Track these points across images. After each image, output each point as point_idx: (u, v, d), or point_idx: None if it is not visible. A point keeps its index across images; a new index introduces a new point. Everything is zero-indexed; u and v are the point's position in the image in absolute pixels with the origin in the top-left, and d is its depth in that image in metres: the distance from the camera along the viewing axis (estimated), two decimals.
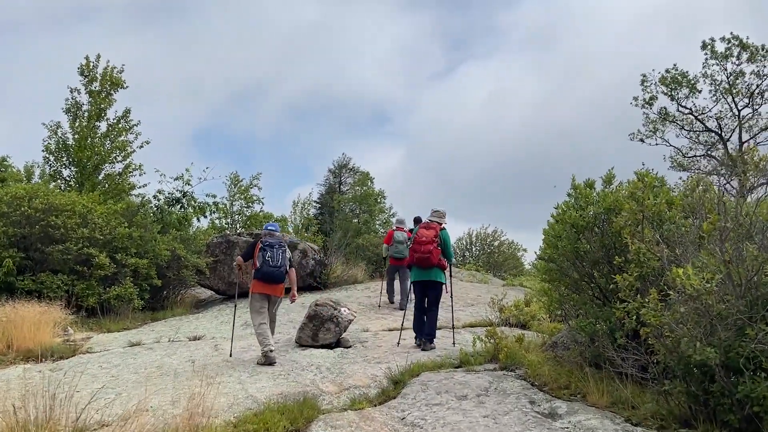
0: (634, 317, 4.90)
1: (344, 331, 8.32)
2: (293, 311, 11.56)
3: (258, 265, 7.65)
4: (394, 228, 12.31)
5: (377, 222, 30.77)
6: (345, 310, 8.37)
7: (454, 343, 8.29)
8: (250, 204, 27.77)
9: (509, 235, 45.53)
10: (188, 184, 16.56)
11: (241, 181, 27.71)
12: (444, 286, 8.31)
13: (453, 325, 9.01)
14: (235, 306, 9.42)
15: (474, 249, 40.35)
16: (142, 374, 7.06)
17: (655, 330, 4.62)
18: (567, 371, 6.23)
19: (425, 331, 8.07)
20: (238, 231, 25.20)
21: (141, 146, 15.87)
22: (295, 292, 7.86)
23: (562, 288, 6.84)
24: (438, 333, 9.05)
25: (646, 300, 4.70)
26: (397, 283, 12.57)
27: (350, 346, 8.18)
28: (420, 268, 8.15)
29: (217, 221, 27.26)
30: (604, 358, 5.76)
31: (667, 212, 5.68)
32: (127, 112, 15.90)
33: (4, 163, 21.39)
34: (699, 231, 5.21)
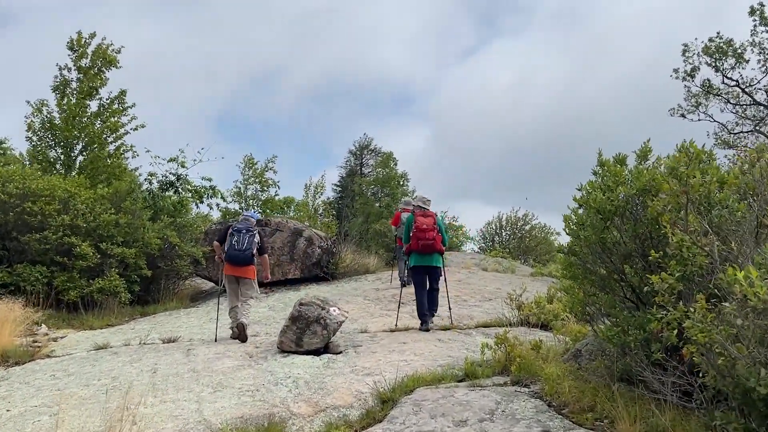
0: (675, 330, 3.88)
1: (333, 334, 7.40)
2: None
3: (225, 248, 8.61)
4: (401, 209, 12.70)
5: (400, 206, 29.84)
6: (334, 311, 7.45)
7: (451, 321, 9.07)
8: (265, 188, 27.02)
9: (540, 218, 44.09)
10: (183, 166, 15.76)
11: (256, 164, 26.97)
12: (442, 269, 9.08)
13: (450, 312, 9.32)
14: (220, 291, 9.62)
15: (504, 233, 39.24)
16: (92, 388, 6.24)
17: (703, 347, 3.60)
18: (592, 388, 5.23)
19: (431, 308, 8.80)
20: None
21: (135, 129, 15.07)
22: (268, 274, 9.18)
23: (586, 285, 5.81)
24: (446, 334, 8.15)
25: (691, 309, 3.68)
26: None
27: (340, 352, 7.26)
28: (422, 255, 8.70)
29: (225, 205, 26.62)
30: (637, 377, 4.77)
31: (717, 194, 4.61)
32: (123, 93, 15.09)
33: (2, 145, 20.82)
34: (761, 218, 4.15)
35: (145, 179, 14.80)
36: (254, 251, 8.48)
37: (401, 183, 31.57)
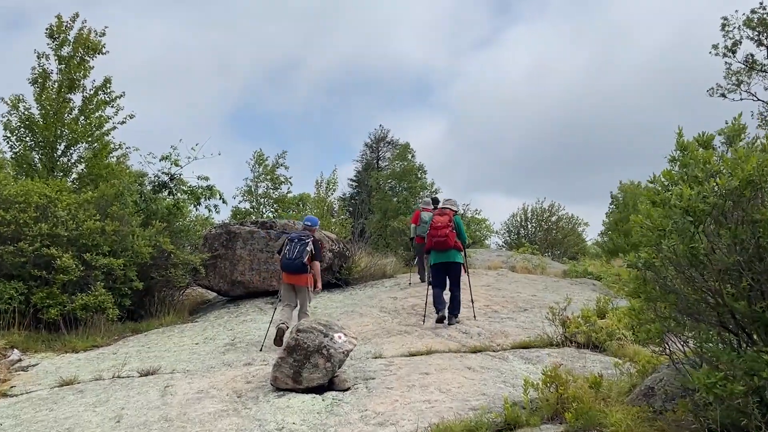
0: None
1: (339, 366, 6.15)
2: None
3: (281, 258, 8.92)
4: (421, 208, 13.01)
5: (420, 205, 28.60)
6: (340, 337, 6.20)
7: (475, 316, 9.30)
8: (277, 185, 25.89)
9: (566, 209, 42.61)
10: (176, 165, 14.54)
11: (267, 160, 25.85)
12: (462, 266, 9.19)
13: (474, 312, 9.44)
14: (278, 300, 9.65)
15: (530, 226, 37.80)
16: None
17: None
18: None
19: (452, 311, 8.99)
20: (263, 216, 23.39)
21: (123, 122, 13.86)
22: (319, 284, 9.08)
23: (662, 308, 4.50)
24: (477, 359, 6.89)
25: None
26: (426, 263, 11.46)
27: (348, 389, 6.01)
28: (438, 251, 9.02)
29: (235, 205, 25.46)
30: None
31: None
32: (107, 81, 13.87)
33: None
34: None
35: (135, 180, 13.51)
36: (306, 260, 8.68)
37: (419, 176, 30.33)
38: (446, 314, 8.89)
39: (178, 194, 14.59)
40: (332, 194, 26.47)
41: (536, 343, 7.45)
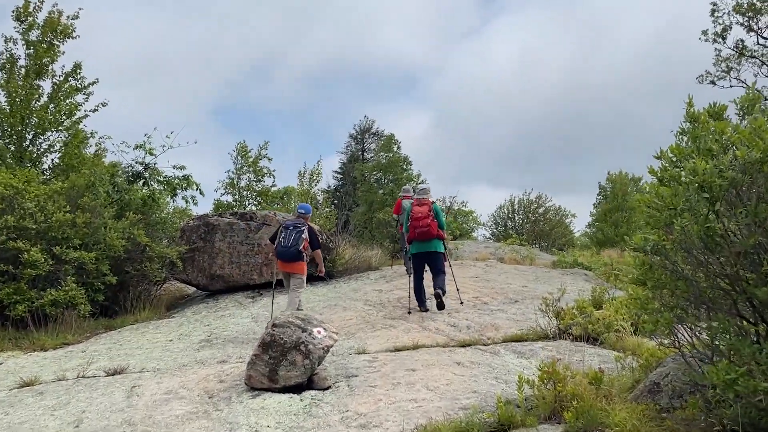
0: None
1: (319, 363, 5.73)
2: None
3: (275, 245, 8.90)
4: (401, 197, 12.63)
5: (401, 194, 28.14)
6: (320, 332, 5.78)
7: (461, 302, 9.32)
8: (260, 178, 25.36)
9: (553, 200, 42.41)
10: (150, 154, 13.98)
11: (249, 152, 25.30)
12: (444, 256, 9.29)
13: (460, 299, 9.47)
14: (274, 288, 10.04)
15: (517, 218, 37.55)
16: None
17: None
18: None
19: (439, 285, 8.81)
20: (246, 208, 22.88)
21: (95, 109, 13.31)
22: (322, 268, 9.31)
23: (668, 296, 4.12)
24: (467, 353, 6.50)
25: None
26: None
27: (328, 387, 5.60)
28: (420, 242, 9.00)
29: (218, 197, 24.91)
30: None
31: None
32: (78, 67, 13.30)
33: None
34: None
35: (109, 171, 12.93)
36: (301, 247, 8.69)
37: (405, 167, 29.93)
38: (428, 307, 8.98)
39: (154, 185, 14.05)
40: (316, 185, 25.86)
41: (529, 336, 7.05)
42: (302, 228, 8.79)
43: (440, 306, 8.73)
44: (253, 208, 24.02)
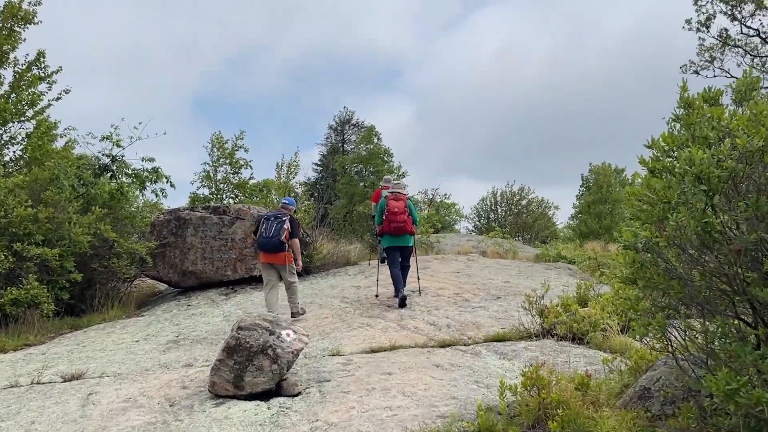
0: None
1: (288, 369, 5.41)
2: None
3: (257, 237, 8.85)
4: (381, 186, 12.30)
5: (381, 183, 27.82)
6: (289, 335, 5.46)
7: (420, 292, 9.74)
8: (237, 170, 24.88)
9: (536, 192, 42.32)
10: (118, 146, 13.49)
11: (226, 143, 24.81)
12: (413, 249, 9.83)
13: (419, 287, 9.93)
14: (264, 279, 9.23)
15: (499, 210, 37.41)
16: None
17: None
18: None
19: (401, 288, 9.05)
20: (224, 202, 22.43)
21: (58, 98, 12.81)
22: (299, 261, 8.99)
23: (660, 297, 3.86)
24: (446, 354, 6.23)
25: None
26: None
27: (298, 394, 5.28)
28: (394, 236, 9.30)
29: (194, 191, 24.42)
30: None
31: None
32: (41, 55, 12.79)
33: None
34: None
35: (74, 164, 12.41)
36: (283, 238, 8.61)
37: (386, 159, 29.65)
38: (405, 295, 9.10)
39: (122, 177, 13.58)
40: (294, 178, 25.43)
41: (512, 335, 6.78)
42: (283, 218, 8.75)
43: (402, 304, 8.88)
44: (231, 201, 23.58)
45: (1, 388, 6.27)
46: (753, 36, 22.39)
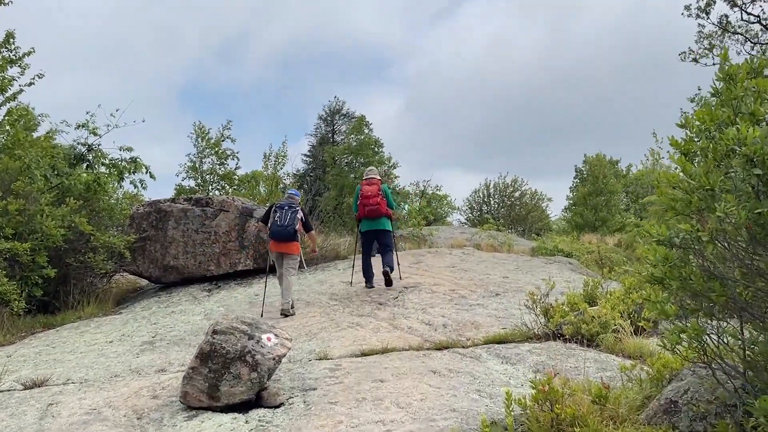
0: None
1: (269, 377, 4.91)
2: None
3: (269, 225, 8.77)
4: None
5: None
6: (270, 339, 4.96)
7: (400, 277, 9.89)
8: (223, 161, 24.31)
9: (529, 183, 41.88)
10: (94, 134, 12.89)
11: (209, 133, 24.21)
12: (392, 234, 9.74)
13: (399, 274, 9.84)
14: (268, 270, 9.46)
15: (492, 202, 36.99)
16: None
17: None
18: None
19: (387, 263, 9.21)
20: (209, 193, 21.88)
21: (31, 83, 12.17)
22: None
23: (689, 299, 3.38)
24: (444, 359, 5.75)
25: None
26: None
27: (280, 405, 4.79)
28: (370, 219, 9.41)
29: (179, 182, 23.85)
30: None
31: None
32: (10, 36, 12.13)
33: None
34: None
35: (47, 153, 11.79)
36: (297, 227, 8.66)
37: (376, 150, 29.18)
38: (374, 284, 9.43)
39: (99, 167, 12.99)
40: (281, 169, 24.87)
41: (514, 336, 6.29)
42: (297, 208, 8.84)
43: (388, 283, 9.18)
44: (217, 192, 23.02)
45: None
46: (754, 23, 21.98)
